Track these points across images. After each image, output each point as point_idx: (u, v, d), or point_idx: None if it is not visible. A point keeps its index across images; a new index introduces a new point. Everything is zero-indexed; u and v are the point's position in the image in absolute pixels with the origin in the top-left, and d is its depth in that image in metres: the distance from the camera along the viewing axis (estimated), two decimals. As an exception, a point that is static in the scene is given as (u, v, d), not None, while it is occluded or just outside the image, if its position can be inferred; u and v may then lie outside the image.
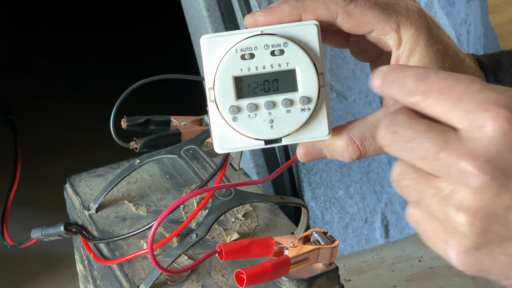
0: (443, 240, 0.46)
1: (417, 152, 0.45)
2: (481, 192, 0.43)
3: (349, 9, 0.56)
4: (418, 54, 0.57)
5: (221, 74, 0.56)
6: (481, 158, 0.43)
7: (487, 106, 0.43)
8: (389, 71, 0.48)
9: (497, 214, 0.43)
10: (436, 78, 0.45)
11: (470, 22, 1.88)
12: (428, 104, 0.45)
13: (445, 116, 0.45)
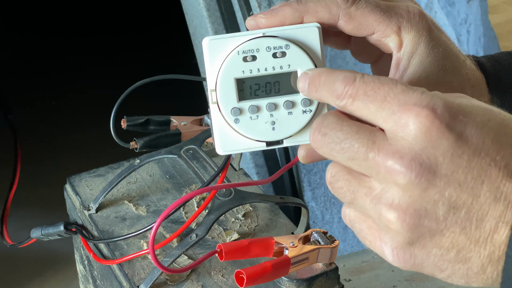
0: (377, 238, 0.48)
1: (347, 153, 0.47)
2: (409, 189, 0.45)
3: (351, 12, 0.57)
4: (418, 57, 0.58)
5: (223, 76, 0.56)
6: (406, 156, 0.44)
7: (410, 106, 0.45)
8: (316, 76, 0.50)
9: (427, 209, 0.45)
10: (362, 82, 0.47)
11: (470, 22, 1.88)
12: (356, 107, 0.47)
13: (372, 118, 0.47)
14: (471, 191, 0.45)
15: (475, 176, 0.45)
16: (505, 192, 0.44)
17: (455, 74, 0.59)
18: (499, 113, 0.46)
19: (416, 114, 0.45)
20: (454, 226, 0.45)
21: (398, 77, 0.58)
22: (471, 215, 0.45)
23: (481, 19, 1.94)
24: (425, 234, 0.46)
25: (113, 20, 2.56)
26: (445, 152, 0.45)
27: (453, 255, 0.46)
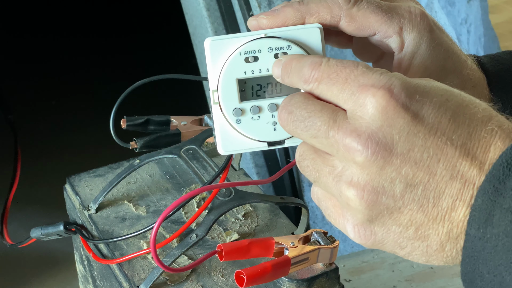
0: (340, 215, 0.49)
1: (310, 131, 0.49)
2: (367, 167, 0.46)
3: (352, 12, 0.57)
4: (420, 57, 0.58)
5: (225, 76, 0.56)
6: (363, 134, 0.46)
7: (368, 87, 0.47)
8: (288, 62, 0.52)
9: (384, 187, 0.46)
10: (327, 66, 0.50)
11: (471, 22, 1.88)
12: (321, 90, 0.49)
13: (335, 99, 0.49)
14: (427, 169, 0.46)
15: (431, 155, 0.46)
16: (462, 170, 0.46)
17: (456, 74, 0.59)
18: (459, 94, 0.48)
19: (373, 94, 0.47)
20: (411, 204, 0.46)
21: None
22: (428, 193, 0.46)
23: (481, 19, 1.94)
24: (383, 211, 0.47)
25: (113, 20, 2.56)
26: (400, 130, 0.46)
27: (412, 232, 0.47)
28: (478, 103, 0.47)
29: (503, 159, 0.44)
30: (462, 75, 0.59)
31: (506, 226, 0.43)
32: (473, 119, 0.46)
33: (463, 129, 0.46)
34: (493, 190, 0.44)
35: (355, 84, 0.48)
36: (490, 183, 0.44)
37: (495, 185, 0.44)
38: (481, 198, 0.44)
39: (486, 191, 0.44)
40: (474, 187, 0.45)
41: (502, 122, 0.47)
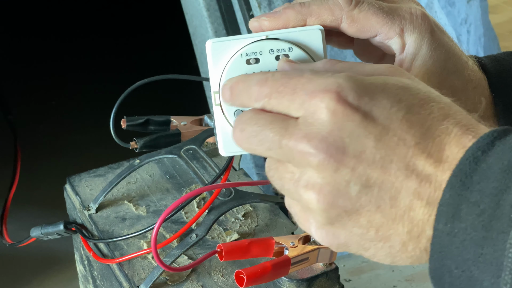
0: (305, 219, 0.50)
1: (264, 144, 0.49)
2: (322, 170, 0.47)
3: (353, 14, 0.57)
4: (421, 58, 0.58)
5: (226, 78, 0.56)
6: (315, 139, 0.46)
7: (315, 93, 0.47)
8: (234, 84, 0.52)
9: (339, 189, 0.46)
10: (273, 80, 0.50)
11: (470, 22, 1.88)
12: (272, 105, 0.49)
13: (287, 111, 0.49)
14: (381, 170, 0.46)
15: (383, 156, 0.46)
16: (417, 170, 0.45)
17: (457, 75, 0.59)
18: (416, 93, 0.47)
19: (321, 99, 0.47)
20: (369, 205, 0.47)
21: None
22: (384, 193, 0.46)
23: (481, 19, 1.94)
24: (341, 214, 0.47)
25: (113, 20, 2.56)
26: (351, 133, 0.46)
27: (373, 234, 0.47)
28: (437, 101, 0.47)
29: (469, 154, 0.44)
30: (463, 76, 0.59)
31: (473, 220, 0.43)
32: (427, 118, 0.46)
33: (416, 128, 0.46)
34: (460, 184, 0.44)
35: (303, 92, 0.48)
36: (457, 178, 0.44)
37: (462, 179, 0.44)
38: (449, 192, 0.44)
39: (453, 185, 0.44)
40: (431, 186, 0.45)
41: (459, 119, 0.46)
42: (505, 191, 0.43)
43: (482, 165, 0.44)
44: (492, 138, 0.45)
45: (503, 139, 0.44)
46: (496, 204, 0.43)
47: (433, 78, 0.58)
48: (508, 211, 0.42)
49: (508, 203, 0.42)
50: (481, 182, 0.43)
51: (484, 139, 0.45)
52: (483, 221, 0.43)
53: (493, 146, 0.44)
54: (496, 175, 0.43)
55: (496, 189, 0.43)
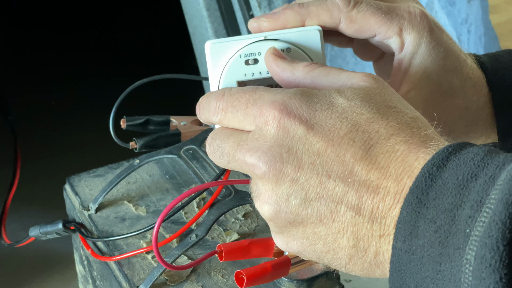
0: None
1: (224, 157, 0.51)
2: (265, 182, 0.48)
3: (352, 15, 0.57)
4: (420, 57, 0.58)
5: (225, 79, 0.57)
6: (258, 152, 0.48)
7: (263, 108, 0.49)
8: (200, 101, 0.54)
9: (280, 202, 0.48)
10: (229, 95, 0.51)
11: (471, 22, 1.88)
12: (228, 119, 0.51)
13: (241, 126, 0.51)
14: (320, 185, 0.47)
15: (320, 171, 0.47)
16: (355, 187, 0.46)
17: (456, 74, 0.59)
18: (367, 111, 0.47)
19: (267, 114, 0.48)
20: (311, 218, 0.47)
21: (400, 78, 0.58)
22: (324, 207, 0.47)
23: (481, 19, 1.94)
24: (287, 225, 0.49)
25: (113, 19, 2.56)
26: (290, 148, 0.47)
27: (321, 246, 0.48)
28: (389, 119, 0.47)
29: (424, 170, 0.44)
30: (462, 74, 0.59)
31: (430, 237, 0.43)
32: (372, 136, 0.46)
33: (358, 146, 0.46)
34: (417, 201, 0.44)
35: (255, 107, 0.49)
36: (413, 195, 0.44)
37: (418, 196, 0.44)
38: (406, 210, 0.44)
39: (410, 202, 0.44)
40: (372, 203, 0.46)
41: (409, 137, 0.46)
42: (460, 206, 0.42)
43: (438, 181, 0.44)
44: (447, 153, 0.45)
45: (458, 153, 0.44)
46: (452, 219, 0.42)
47: (432, 77, 0.58)
48: (463, 226, 0.42)
49: (463, 218, 0.42)
50: (437, 198, 0.43)
51: (439, 155, 0.45)
52: (440, 237, 0.43)
53: (448, 161, 0.44)
54: (451, 191, 0.43)
55: (451, 205, 0.43)
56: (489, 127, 0.62)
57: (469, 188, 0.43)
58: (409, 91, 0.58)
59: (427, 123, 0.48)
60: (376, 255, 0.46)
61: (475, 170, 0.43)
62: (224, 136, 0.51)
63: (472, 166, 0.43)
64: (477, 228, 0.41)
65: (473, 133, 0.61)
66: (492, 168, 0.43)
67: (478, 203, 0.42)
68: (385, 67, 0.62)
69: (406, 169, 0.45)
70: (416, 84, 0.58)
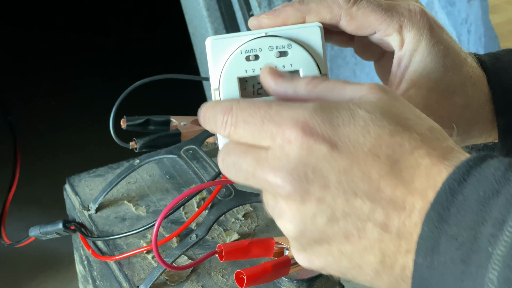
0: (289, 243, 0.51)
1: (241, 175, 0.49)
2: (290, 202, 0.47)
3: (352, 12, 0.57)
4: (420, 55, 0.58)
5: (226, 75, 0.57)
6: (282, 171, 0.46)
7: (283, 126, 0.47)
8: (203, 111, 0.52)
9: (306, 222, 0.47)
10: (239, 109, 0.49)
11: (471, 22, 1.88)
12: (239, 134, 0.49)
13: (256, 142, 0.49)
14: (346, 203, 0.46)
15: (346, 189, 0.46)
16: (382, 203, 0.45)
17: (456, 72, 0.59)
18: (388, 123, 0.47)
19: (288, 133, 0.47)
20: (337, 236, 0.47)
21: (399, 75, 0.58)
22: (351, 226, 0.46)
23: (481, 19, 1.94)
24: (312, 243, 0.48)
25: (113, 19, 2.56)
26: (315, 167, 0.46)
27: (346, 263, 0.48)
28: (410, 130, 0.47)
29: (445, 186, 0.44)
30: (462, 72, 0.59)
31: (452, 254, 0.43)
32: (396, 150, 0.46)
33: (383, 161, 0.45)
34: (438, 217, 0.44)
35: (273, 124, 0.48)
36: (434, 210, 0.44)
37: (440, 212, 0.44)
38: (427, 226, 0.44)
39: (431, 218, 0.44)
40: (400, 219, 0.45)
41: (432, 149, 0.46)
42: (482, 224, 0.42)
43: (459, 197, 0.43)
44: (468, 167, 0.44)
45: (479, 167, 0.44)
46: (474, 237, 0.42)
47: (432, 75, 0.58)
48: (485, 245, 0.42)
49: (485, 236, 0.42)
50: (458, 214, 0.43)
51: (460, 169, 0.44)
52: (462, 255, 0.42)
53: (469, 175, 0.44)
54: (472, 207, 0.43)
55: (473, 222, 0.43)
56: (490, 126, 0.62)
57: (491, 205, 0.42)
58: (409, 89, 0.58)
59: (444, 133, 0.48)
60: (403, 270, 0.46)
61: (496, 187, 0.43)
62: (240, 152, 0.49)
63: (493, 182, 0.43)
64: (499, 248, 0.41)
65: (474, 132, 0.61)
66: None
67: (500, 221, 0.41)
68: (386, 66, 0.62)
69: (430, 184, 0.45)
70: (416, 82, 0.58)
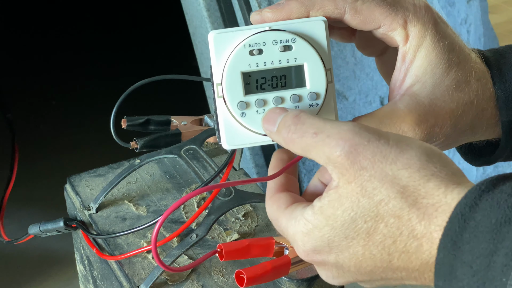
0: None
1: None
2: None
3: (357, 6, 0.57)
4: (424, 50, 0.58)
5: (229, 69, 0.56)
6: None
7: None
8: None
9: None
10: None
11: (470, 22, 1.88)
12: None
13: None
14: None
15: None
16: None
17: (460, 67, 0.59)
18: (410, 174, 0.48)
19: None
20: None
21: (404, 70, 0.58)
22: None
23: (481, 19, 1.94)
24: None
25: (113, 20, 2.56)
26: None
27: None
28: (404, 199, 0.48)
29: (457, 211, 0.45)
30: (466, 68, 0.59)
31: (468, 280, 0.44)
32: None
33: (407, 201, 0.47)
34: (452, 243, 0.45)
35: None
36: (447, 237, 0.45)
37: (453, 239, 0.45)
38: (442, 252, 0.45)
39: (445, 245, 0.45)
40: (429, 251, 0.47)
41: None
42: (495, 253, 0.43)
43: (471, 223, 0.44)
44: (480, 192, 0.45)
45: (491, 192, 0.45)
46: (487, 266, 0.43)
47: (436, 70, 0.58)
48: (499, 275, 0.42)
49: (498, 265, 0.42)
50: (471, 241, 0.44)
51: (472, 193, 0.45)
52: (477, 282, 0.43)
53: (480, 200, 0.44)
54: (484, 235, 0.44)
55: (486, 250, 0.43)
56: (494, 122, 0.62)
57: (503, 233, 0.43)
58: (414, 84, 0.58)
59: (441, 158, 0.49)
60: None
61: (509, 214, 0.43)
62: None
63: (506, 209, 0.43)
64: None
65: (478, 127, 0.61)
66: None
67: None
68: (388, 62, 0.62)
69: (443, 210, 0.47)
70: (420, 77, 0.58)
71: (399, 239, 0.47)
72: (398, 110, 0.56)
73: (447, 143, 0.59)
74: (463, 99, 0.59)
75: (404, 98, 0.57)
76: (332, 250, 0.50)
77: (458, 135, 0.60)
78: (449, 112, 0.58)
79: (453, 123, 0.58)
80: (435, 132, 0.57)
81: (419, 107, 0.57)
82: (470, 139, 0.62)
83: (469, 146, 0.66)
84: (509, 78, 0.62)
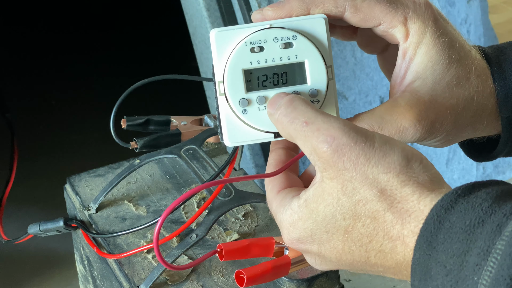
0: None
1: None
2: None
3: (357, 4, 0.57)
4: (424, 46, 0.58)
5: (231, 67, 0.56)
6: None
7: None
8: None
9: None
10: None
11: (470, 22, 1.88)
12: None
13: None
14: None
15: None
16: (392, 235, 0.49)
17: (461, 64, 0.59)
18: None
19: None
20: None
21: (404, 67, 0.59)
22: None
23: (481, 19, 1.94)
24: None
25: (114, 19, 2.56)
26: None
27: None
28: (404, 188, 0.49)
29: (433, 213, 0.46)
30: (466, 64, 0.59)
31: (442, 280, 0.45)
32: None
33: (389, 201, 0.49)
34: (427, 244, 0.46)
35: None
36: (423, 238, 0.46)
37: (428, 239, 0.46)
38: (418, 252, 0.46)
39: (421, 245, 0.46)
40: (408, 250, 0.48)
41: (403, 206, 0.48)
42: (467, 252, 0.44)
43: (446, 224, 0.45)
44: (456, 196, 0.46)
45: (467, 196, 0.46)
46: (460, 265, 0.44)
47: (437, 66, 0.58)
48: (471, 274, 0.43)
49: (471, 265, 0.43)
50: (445, 242, 0.45)
51: (448, 197, 0.46)
52: (451, 281, 0.44)
53: (456, 203, 0.46)
54: (458, 236, 0.45)
55: (459, 250, 0.44)
56: (494, 118, 0.62)
57: (476, 234, 0.44)
58: (414, 81, 0.58)
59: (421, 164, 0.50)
60: None
61: (482, 216, 0.44)
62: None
63: (480, 212, 0.45)
64: (484, 277, 0.42)
65: (478, 124, 0.61)
66: (499, 216, 0.44)
67: (485, 251, 0.43)
68: (389, 59, 0.62)
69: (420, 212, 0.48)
70: (421, 74, 0.58)
71: (375, 239, 0.49)
72: (399, 106, 0.57)
73: (447, 139, 0.59)
74: (464, 95, 0.59)
75: (404, 95, 0.58)
76: (315, 241, 0.52)
77: (458, 131, 0.60)
78: (450, 108, 0.58)
79: (453, 119, 0.58)
80: (435, 128, 0.57)
81: (419, 103, 0.57)
82: (471, 135, 0.62)
83: (470, 142, 0.66)
84: (509, 75, 0.62)
